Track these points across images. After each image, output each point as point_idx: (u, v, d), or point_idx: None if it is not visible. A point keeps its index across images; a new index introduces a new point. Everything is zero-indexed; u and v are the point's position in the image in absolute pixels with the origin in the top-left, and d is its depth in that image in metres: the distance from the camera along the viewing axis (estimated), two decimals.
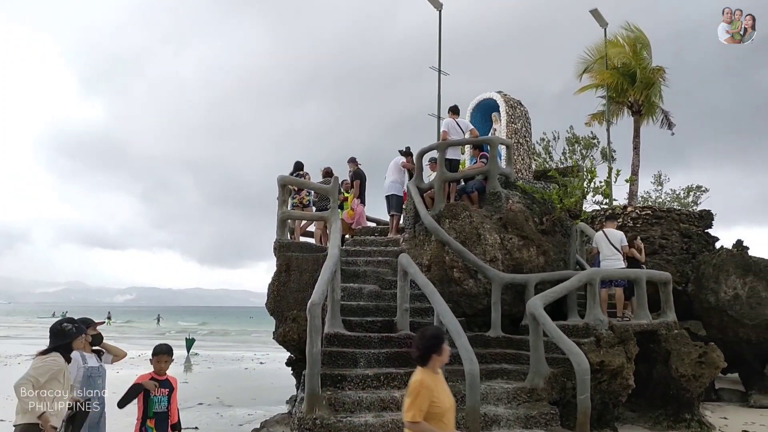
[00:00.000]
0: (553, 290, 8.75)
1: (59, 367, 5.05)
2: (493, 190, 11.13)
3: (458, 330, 7.41)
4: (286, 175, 10.65)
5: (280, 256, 10.00)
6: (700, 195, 28.23)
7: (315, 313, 7.08)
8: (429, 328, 4.26)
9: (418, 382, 3.85)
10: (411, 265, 8.72)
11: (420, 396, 3.79)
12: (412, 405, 3.78)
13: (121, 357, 6.52)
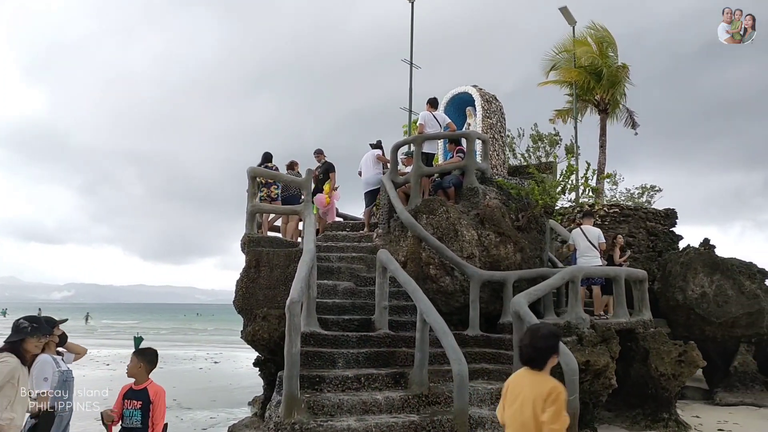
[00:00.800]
0: (537, 288, 8.48)
1: (10, 369, 4.46)
2: (470, 186, 10.84)
3: (444, 329, 7.05)
4: (256, 166, 10.10)
5: (249, 251, 9.46)
6: (654, 195, 28.73)
7: (294, 311, 6.61)
8: (541, 326, 3.75)
9: (559, 388, 3.41)
10: (391, 261, 8.32)
11: (564, 403, 3.36)
12: (560, 414, 3.32)
13: (83, 354, 5.94)
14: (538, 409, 3.35)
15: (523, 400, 3.42)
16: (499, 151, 12.55)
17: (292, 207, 10.41)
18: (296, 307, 6.65)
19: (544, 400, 3.34)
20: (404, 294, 9.56)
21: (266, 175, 10.36)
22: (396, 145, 11.47)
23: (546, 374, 3.52)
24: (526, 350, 3.54)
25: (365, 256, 10.34)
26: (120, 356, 24.86)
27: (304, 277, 7.35)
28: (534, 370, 3.50)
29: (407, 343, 8.40)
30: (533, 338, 3.52)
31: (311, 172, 10.04)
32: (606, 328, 8.76)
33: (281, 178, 10.37)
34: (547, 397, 3.34)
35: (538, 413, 3.34)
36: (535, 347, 3.48)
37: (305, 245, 8.40)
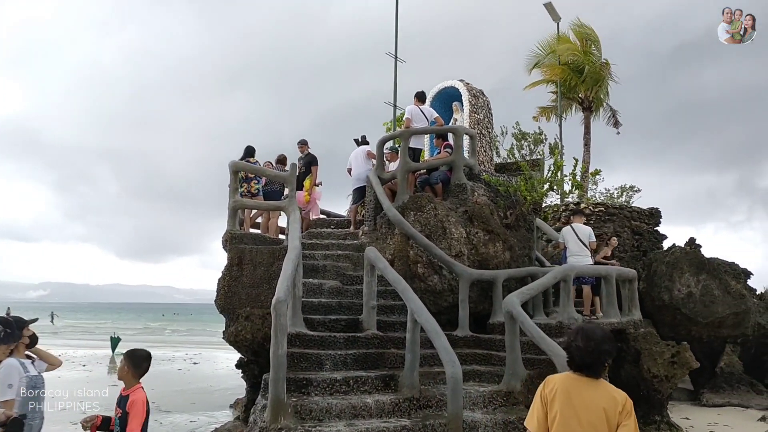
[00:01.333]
0: (530, 287, 8.25)
1: None
2: (459, 182, 10.58)
3: (436, 330, 6.78)
4: (238, 160, 9.73)
5: (231, 249, 9.12)
6: (633, 195, 28.83)
7: (281, 311, 6.29)
8: (595, 327, 3.20)
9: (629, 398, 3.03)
10: (379, 259, 8.04)
11: None
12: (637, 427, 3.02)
13: (57, 366, 5.49)
14: (612, 423, 2.98)
15: (591, 412, 2.98)
16: (486, 147, 12.33)
17: (276, 203, 10.06)
18: (282, 307, 6.33)
19: (620, 412, 2.98)
20: (392, 293, 9.29)
21: (249, 169, 10.00)
22: (382, 140, 11.18)
23: (606, 381, 3.14)
24: (581, 354, 3.07)
25: (351, 254, 10.04)
26: (97, 357, 24.30)
27: (290, 275, 7.03)
28: (590, 377, 3.08)
29: (396, 344, 8.12)
30: (589, 341, 3.06)
31: (295, 167, 9.69)
32: None
33: (264, 172, 10.01)
34: (623, 409, 2.99)
35: (612, 427, 3.01)
36: (593, 351, 3.04)
37: (290, 242, 8.08)
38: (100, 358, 23.90)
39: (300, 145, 12.43)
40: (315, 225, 11.90)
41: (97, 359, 23.49)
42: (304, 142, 12.51)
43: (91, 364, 21.50)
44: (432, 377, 7.71)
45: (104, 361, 23.02)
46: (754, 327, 13.82)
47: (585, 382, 3.05)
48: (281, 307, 6.33)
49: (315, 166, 11.96)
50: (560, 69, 19.51)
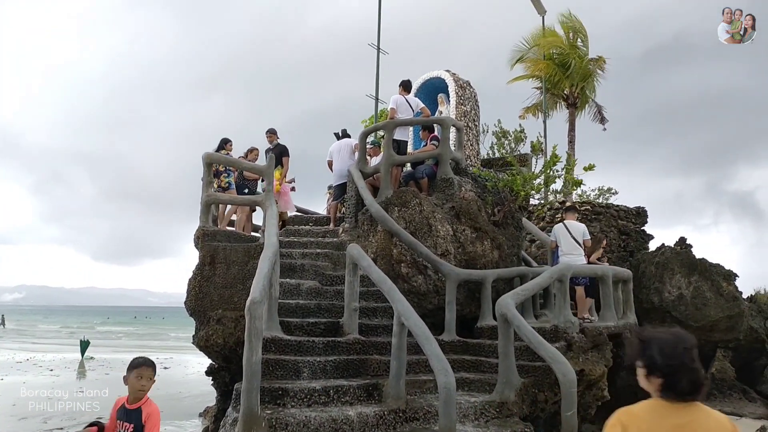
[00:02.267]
0: (525, 288, 7.69)
1: None
2: (445, 176, 10.02)
3: (426, 334, 6.18)
4: (212, 152, 9.04)
5: (203, 247, 8.43)
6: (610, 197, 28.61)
7: (256, 314, 5.66)
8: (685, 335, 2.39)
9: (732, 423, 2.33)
10: (363, 257, 7.42)
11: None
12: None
13: None
14: None
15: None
16: (473, 140, 11.78)
17: (252, 197, 9.38)
18: (258, 309, 5.69)
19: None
20: (375, 294, 8.70)
21: (224, 161, 9.30)
22: (365, 132, 10.58)
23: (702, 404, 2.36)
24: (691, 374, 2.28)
25: (331, 253, 9.41)
26: (65, 361, 23.29)
27: (266, 274, 6.38)
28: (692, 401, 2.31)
29: (380, 349, 7.52)
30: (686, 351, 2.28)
31: (273, 158, 9.03)
32: (597, 332, 8.05)
33: (240, 164, 9.32)
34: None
35: None
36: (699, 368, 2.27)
37: (267, 239, 7.42)
38: (69, 362, 22.92)
39: (268, 134, 11.51)
40: (293, 222, 11.24)
41: (66, 363, 22.52)
42: (273, 131, 11.53)
43: (59, 368, 20.55)
44: (419, 386, 7.12)
45: (73, 365, 22.06)
46: (746, 331, 13.45)
47: (685, 411, 2.31)
48: (256, 309, 5.69)
49: (286, 156, 11.08)
50: (545, 64, 19.05)
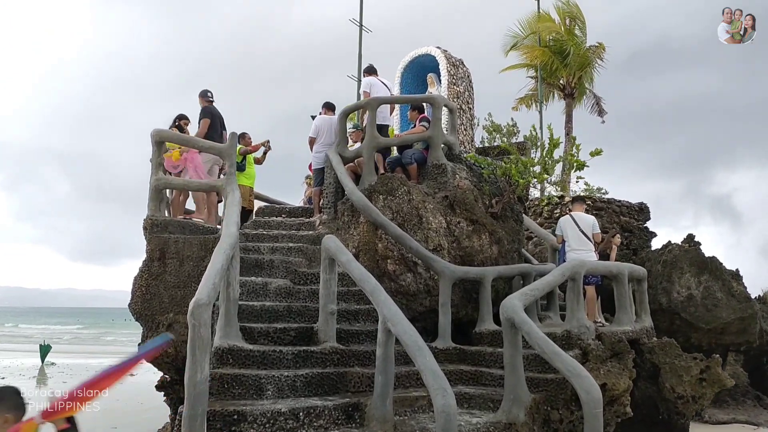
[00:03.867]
0: (534, 287, 6.48)
1: None
2: (437, 162, 8.82)
3: (419, 343, 4.95)
4: (163, 128, 7.72)
5: (152, 239, 7.17)
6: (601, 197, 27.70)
7: (201, 319, 4.40)
8: None
9: None
10: (341, 251, 6.17)
11: None
12: None
13: None
14: None
15: None
16: (467, 125, 10.60)
17: (209, 181, 8.06)
18: (204, 313, 4.44)
19: None
20: (356, 295, 7.47)
21: (177, 139, 7.97)
22: (345, 111, 9.32)
23: None
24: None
25: (306, 247, 8.15)
26: (22, 368, 21.77)
27: (220, 270, 5.13)
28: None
29: (362, 360, 6.29)
30: None
31: (235, 136, 7.69)
32: (616, 339, 6.88)
33: (196, 142, 8.00)
34: None
35: None
36: None
37: (225, 228, 6.17)
38: (25, 369, 21.37)
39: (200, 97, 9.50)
40: (264, 213, 9.91)
41: (21, 370, 20.96)
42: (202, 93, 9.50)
43: (12, 376, 19.00)
44: (409, 404, 5.89)
45: (29, 372, 20.52)
46: (759, 334, 12.40)
47: None
48: (202, 313, 4.43)
49: (204, 119, 9.00)
50: (540, 51, 17.92)
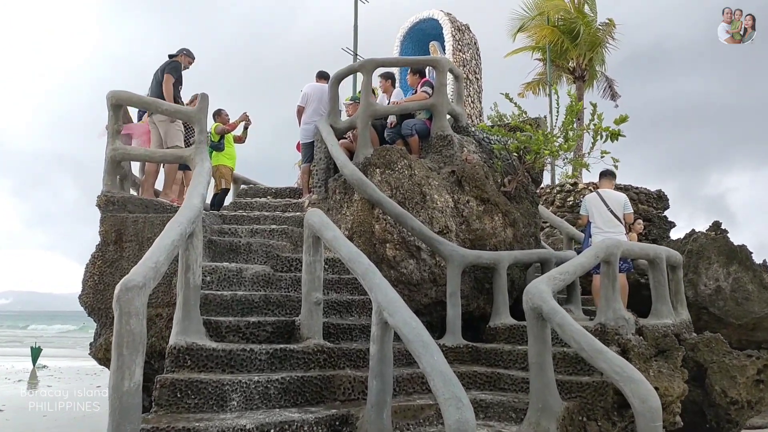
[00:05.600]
0: (564, 270, 5.32)
1: None
2: (442, 133, 7.71)
3: (423, 338, 3.83)
4: (123, 90, 6.58)
5: (107, 219, 6.06)
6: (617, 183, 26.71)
7: (132, 308, 3.31)
8: None
9: None
10: (327, 226, 5.04)
11: None
12: None
13: None
14: None
15: None
16: (474, 97, 9.47)
17: (175, 151, 6.91)
18: (135, 299, 3.33)
19: None
20: (350, 284, 6.36)
21: (136, 102, 6.79)
22: (337, 75, 8.19)
23: None
24: None
25: (291, 230, 7.03)
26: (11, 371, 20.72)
27: (168, 246, 4.01)
28: None
29: (354, 360, 5.17)
30: None
31: (207, 99, 6.54)
32: (662, 333, 5.74)
33: (158, 106, 6.80)
34: None
35: None
36: None
37: (187, 199, 5.05)
38: (13, 373, 20.29)
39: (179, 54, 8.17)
40: (246, 194, 8.79)
41: (8, 374, 19.87)
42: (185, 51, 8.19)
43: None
44: (412, 415, 4.76)
45: (15, 376, 19.45)
46: None
47: None
48: (132, 299, 3.33)
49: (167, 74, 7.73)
50: (549, 30, 16.76)
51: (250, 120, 9.31)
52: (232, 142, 9.21)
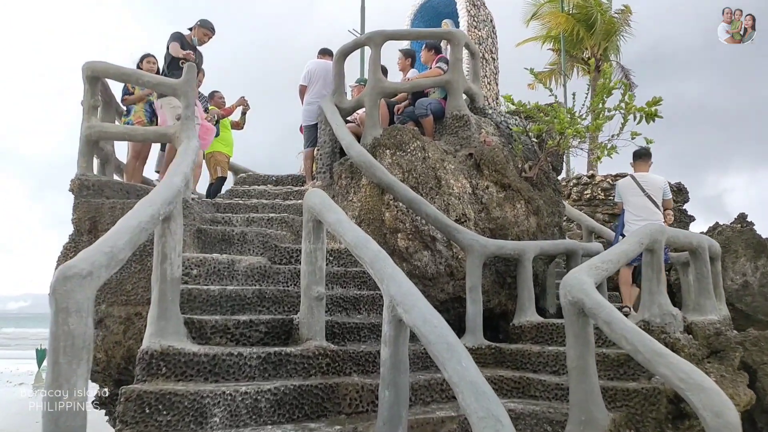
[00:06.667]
0: (606, 258, 4.54)
1: None
2: (458, 112, 6.97)
3: (449, 340, 3.10)
4: (98, 60, 5.83)
5: (80, 205, 5.34)
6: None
7: (70, 302, 2.58)
8: None
9: None
10: (329, 207, 4.29)
11: None
12: None
13: None
14: None
15: None
16: (490, 78, 8.72)
17: (158, 129, 6.15)
18: (76, 291, 2.60)
19: None
20: (356, 277, 5.63)
21: (114, 73, 6.00)
22: (343, 51, 7.44)
23: None
24: None
25: (291, 219, 6.29)
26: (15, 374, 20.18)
27: (132, 229, 3.28)
28: None
29: (362, 365, 4.43)
30: None
31: (194, 69, 5.73)
32: (714, 331, 4.98)
33: (139, 77, 6.00)
34: None
35: None
36: None
37: (166, 177, 4.33)
38: (17, 376, 19.76)
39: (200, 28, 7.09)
40: (243, 182, 8.08)
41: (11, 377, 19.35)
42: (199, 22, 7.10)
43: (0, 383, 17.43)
44: (431, 431, 4.02)
45: (17, 379, 18.90)
46: None
47: None
48: (72, 291, 2.60)
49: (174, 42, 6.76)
50: (564, 17, 15.96)
51: (249, 104, 8.59)
52: (229, 127, 8.47)
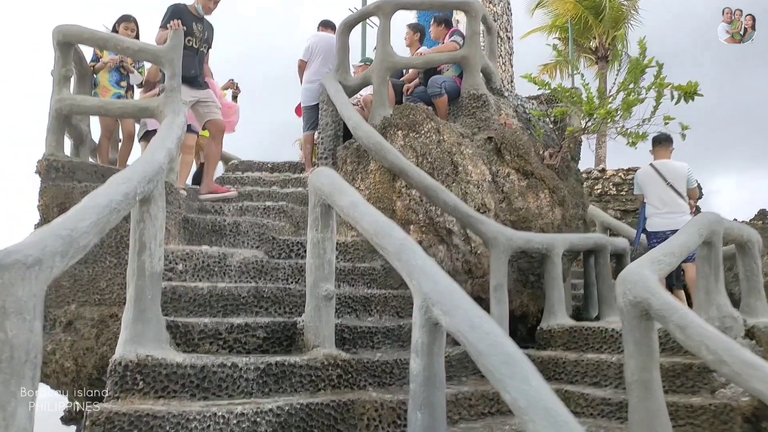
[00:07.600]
0: (667, 251, 3.87)
1: None
2: (475, 92, 6.28)
3: (511, 354, 2.39)
4: (73, 24, 5.09)
5: (48, 189, 4.62)
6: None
7: (5, 301, 1.87)
8: None
9: None
10: (342, 189, 3.60)
11: None
12: None
13: None
14: None
15: None
16: (505, 58, 8.06)
17: (137, 102, 5.39)
18: (14, 287, 1.90)
19: None
20: (365, 273, 4.94)
21: (89, 38, 5.21)
22: (348, 22, 6.73)
23: None
24: None
25: (291, 208, 5.59)
26: None
27: (99, 209, 2.58)
28: None
29: (378, 376, 3.74)
30: None
31: (180, 34, 4.98)
32: None
33: (118, 42, 5.18)
34: None
35: None
36: None
37: (147, 153, 3.64)
38: None
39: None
40: (236, 168, 7.37)
41: None
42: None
43: None
44: None
45: None
46: None
47: None
48: (11, 285, 1.90)
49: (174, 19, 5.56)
50: (572, 5, 15.39)
51: (239, 88, 7.89)
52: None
